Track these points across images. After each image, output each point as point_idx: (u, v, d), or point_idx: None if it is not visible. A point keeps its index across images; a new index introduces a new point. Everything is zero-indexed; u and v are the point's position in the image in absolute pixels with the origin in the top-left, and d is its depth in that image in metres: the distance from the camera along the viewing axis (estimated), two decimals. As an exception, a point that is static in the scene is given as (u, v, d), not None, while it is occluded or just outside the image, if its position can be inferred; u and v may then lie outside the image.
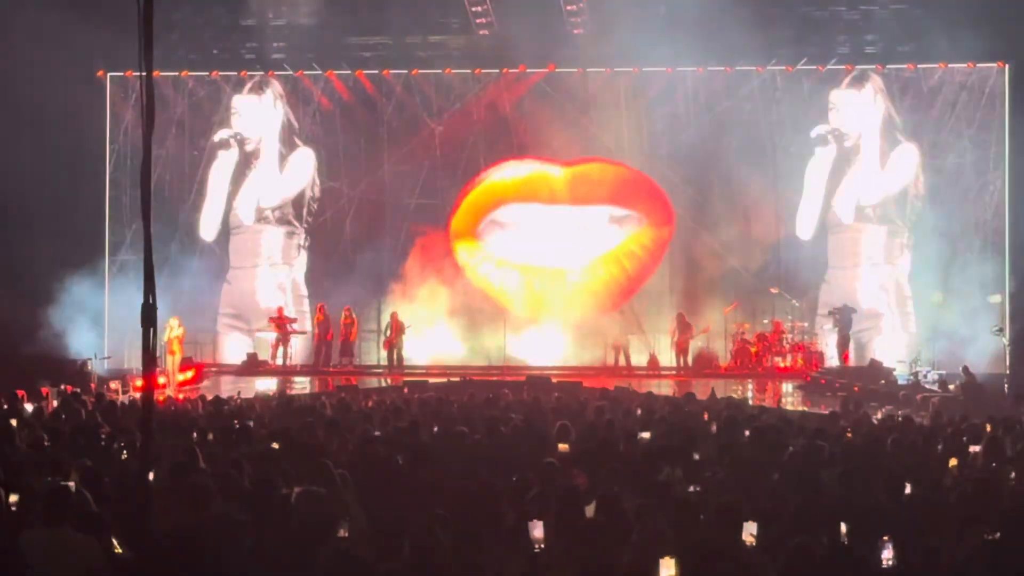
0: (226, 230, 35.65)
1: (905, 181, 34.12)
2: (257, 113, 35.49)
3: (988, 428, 15.95)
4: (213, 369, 33.13)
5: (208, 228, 35.59)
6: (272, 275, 35.63)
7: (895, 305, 34.10)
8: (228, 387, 28.38)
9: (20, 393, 20.25)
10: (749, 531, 9.19)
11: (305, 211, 35.68)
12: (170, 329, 30.28)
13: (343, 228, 35.25)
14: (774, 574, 8.41)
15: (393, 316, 33.48)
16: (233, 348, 34.99)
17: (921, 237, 33.90)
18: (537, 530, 9.04)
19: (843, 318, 32.58)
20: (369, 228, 34.80)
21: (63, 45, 29.65)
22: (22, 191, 29.60)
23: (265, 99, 35.46)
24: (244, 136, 35.46)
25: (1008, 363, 31.18)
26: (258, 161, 35.58)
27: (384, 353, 33.91)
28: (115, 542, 8.81)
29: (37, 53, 29.66)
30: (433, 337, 33.72)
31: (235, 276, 35.61)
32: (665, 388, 28.31)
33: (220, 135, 35.46)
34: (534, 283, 34.57)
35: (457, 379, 28.16)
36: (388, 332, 33.45)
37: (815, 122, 34.12)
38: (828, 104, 34.28)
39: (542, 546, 9.02)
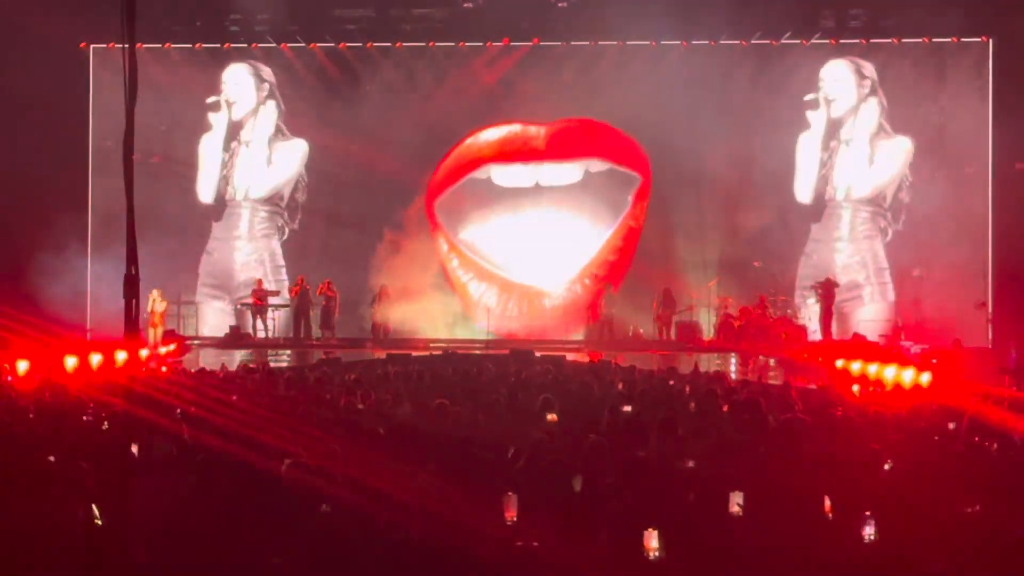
0: (221, 202, 35.67)
1: (895, 168, 34.23)
2: (247, 86, 35.47)
3: (971, 403, 15.99)
4: (196, 342, 33.10)
5: (206, 198, 35.65)
6: (253, 248, 35.61)
7: (874, 276, 34.21)
8: (210, 360, 28.34)
9: (2, 366, 20.20)
10: (736, 501, 9.22)
11: (290, 191, 35.69)
12: (152, 302, 30.26)
13: (325, 201, 35.27)
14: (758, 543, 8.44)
15: (382, 289, 33.57)
16: (214, 320, 35.00)
17: (904, 212, 34.01)
18: (511, 504, 9.03)
19: (825, 292, 32.68)
20: (351, 201, 34.79)
21: (45, 17, 29.53)
22: (4, 163, 29.53)
23: (255, 74, 35.43)
24: (232, 101, 35.43)
25: (990, 337, 31.32)
26: (246, 138, 35.55)
27: (367, 326, 34.01)
28: (96, 513, 8.78)
29: (19, 25, 29.55)
30: (417, 307, 33.67)
31: (216, 247, 35.59)
32: (649, 362, 28.31)
33: (210, 99, 35.44)
34: (509, 301, 34.63)
35: (440, 352, 28.16)
36: (374, 305, 33.54)
37: (800, 97, 34.14)
38: (819, 78, 34.36)
39: (515, 520, 9.02)
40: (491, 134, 34.58)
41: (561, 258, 34.68)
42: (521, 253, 34.65)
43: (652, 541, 8.10)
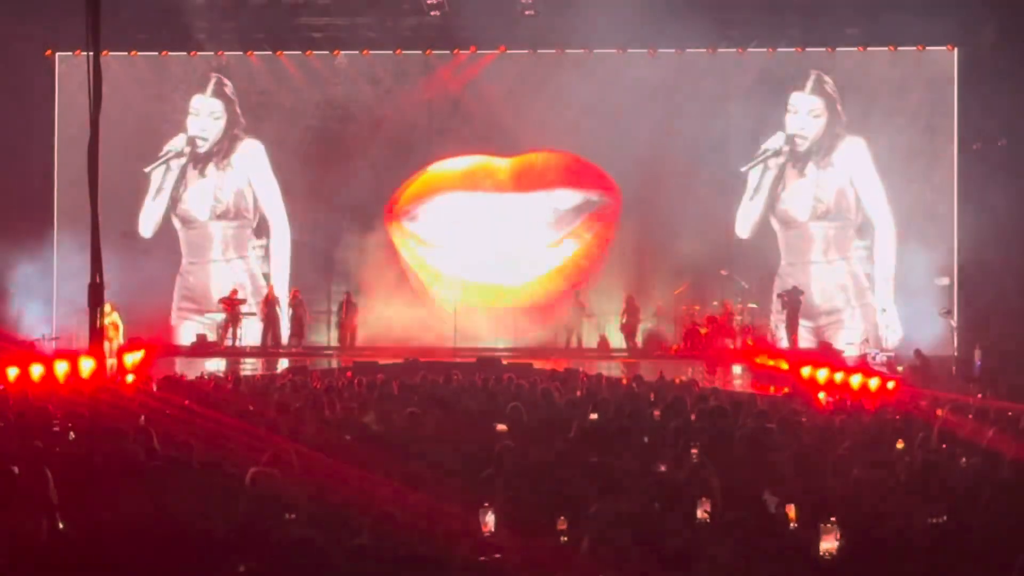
0: (167, 227, 35.44)
1: (855, 175, 34.29)
2: (213, 114, 35.33)
3: (938, 412, 16.07)
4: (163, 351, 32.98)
5: (147, 225, 35.45)
6: (227, 267, 35.39)
7: (855, 299, 34.13)
8: (177, 370, 28.22)
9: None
10: (703, 507, 9.23)
11: (255, 200, 35.51)
12: (105, 315, 29.99)
13: (289, 209, 35.24)
14: (725, 550, 8.44)
15: (347, 296, 33.57)
16: (188, 336, 34.68)
17: (870, 225, 34.14)
18: (488, 516, 9.01)
19: (791, 300, 32.74)
20: (318, 210, 34.69)
21: (10, 24, 29.40)
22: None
23: (221, 99, 35.35)
24: (198, 138, 35.28)
25: (956, 345, 31.43)
26: (212, 159, 35.40)
27: (335, 334, 33.97)
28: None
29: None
30: (383, 314, 33.50)
31: (190, 270, 35.38)
32: (615, 370, 28.35)
33: (173, 143, 35.35)
34: (471, 300, 34.44)
35: (402, 361, 28.06)
36: (341, 313, 33.53)
37: (768, 105, 34.08)
38: (787, 107, 34.43)
39: (492, 531, 9.00)
40: (457, 163, 34.68)
41: (527, 254, 34.66)
42: (485, 250, 34.59)
43: None
